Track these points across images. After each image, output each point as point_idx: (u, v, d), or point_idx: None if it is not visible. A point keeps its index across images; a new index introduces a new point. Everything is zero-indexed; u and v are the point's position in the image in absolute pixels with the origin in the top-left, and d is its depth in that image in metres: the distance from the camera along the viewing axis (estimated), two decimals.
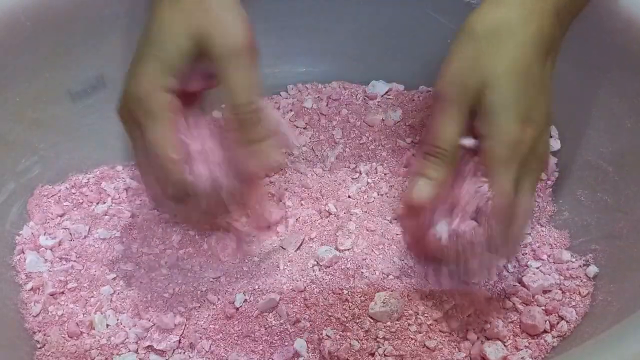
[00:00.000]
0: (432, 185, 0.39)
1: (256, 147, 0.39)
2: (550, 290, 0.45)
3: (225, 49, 0.37)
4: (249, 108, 0.38)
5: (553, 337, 0.43)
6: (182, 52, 0.38)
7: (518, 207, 0.38)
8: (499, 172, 0.37)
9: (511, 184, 0.37)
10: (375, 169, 0.54)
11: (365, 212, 0.50)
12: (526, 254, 0.48)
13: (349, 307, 0.43)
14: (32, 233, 0.49)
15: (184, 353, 0.43)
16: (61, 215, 0.50)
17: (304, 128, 0.58)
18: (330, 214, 0.49)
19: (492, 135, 0.37)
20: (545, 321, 0.43)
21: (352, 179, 0.53)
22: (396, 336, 0.42)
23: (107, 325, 0.44)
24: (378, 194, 0.51)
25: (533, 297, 0.45)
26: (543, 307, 0.44)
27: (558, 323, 0.43)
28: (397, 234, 0.48)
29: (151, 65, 0.38)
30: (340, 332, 0.42)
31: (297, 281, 0.45)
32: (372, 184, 0.52)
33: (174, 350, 0.43)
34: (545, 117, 0.39)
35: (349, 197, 0.51)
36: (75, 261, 0.48)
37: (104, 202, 0.52)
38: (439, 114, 0.38)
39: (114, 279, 0.47)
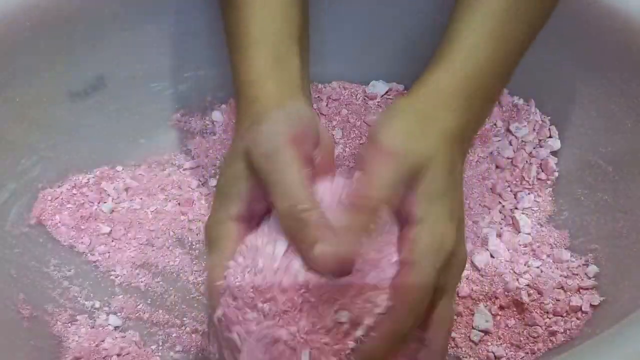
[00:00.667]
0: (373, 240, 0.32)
1: (307, 254, 0.32)
2: (549, 290, 0.45)
3: (258, 156, 0.35)
4: (292, 212, 0.33)
5: (553, 336, 0.43)
6: (235, 175, 0.36)
7: (440, 312, 0.34)
8: (424, 261, 0.32)
9: (434, 277, 0.32)
10: None
11: None
12: (526, 254, 0.48)
13: None
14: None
15: None
16: (64, 218, 0.51)
17: None
18: None
19: (424, 223, 0.33)
20: (545, 321, 0.43)
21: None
22: None
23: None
24: None
25: (533, 296, 0.45)
26: (543, 307, 0.44)
27: (557, 323, 0.43)
28: None
29: (216, 201, 0.37)
30: None
31: None
32: None
33: None
34: (462, 219, 0.37)
35: None
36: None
37: (105, 202, 0.52)
38: (382, 165, 0.33)
39: (117, 277, 0.48)
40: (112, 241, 0.51)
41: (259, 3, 0.42)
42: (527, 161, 0.53)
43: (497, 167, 0.53)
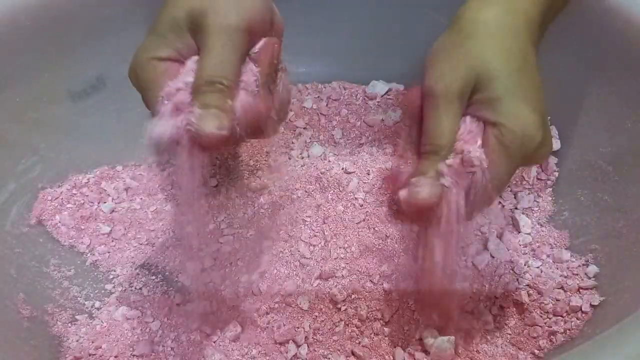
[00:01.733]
0: (438, 184, 0.36)
1: (201, 112, 0.35)
2: (549, 290, 0.45)
3: (215, 25, 0.36)
4: (205, 86, 0.36)
5: (553, 336, 0.43)
6: (175, 23, 0.38)
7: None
8: (503, 162, 0.36)
9: (511, 174, 0.37)
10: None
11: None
12: (526, 254, 0.48)
13: None
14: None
15: None
16: (64, 218, 0.50)
17: (304, 128, 0.58)
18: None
19: (502, 123, 0.36)
20: (545, 321, 0.43)
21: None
22: None
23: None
24: None
25: (533, 296, 0.45)
26: (543, 307, 0.44)
27: (557, 323, 0.43)
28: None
29: (148, 39, 0.38)
30: None
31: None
32: None
33: None
34: (544, 108, 0.38)
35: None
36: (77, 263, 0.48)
37: (104, 202, 0.52)
38: (432, 111, 0.37)
39: (117, 277, 0.48)
40: (112, 241, 0.51)
41: None
42: None
43: None
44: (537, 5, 0.39)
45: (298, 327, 0.43)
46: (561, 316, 0.43)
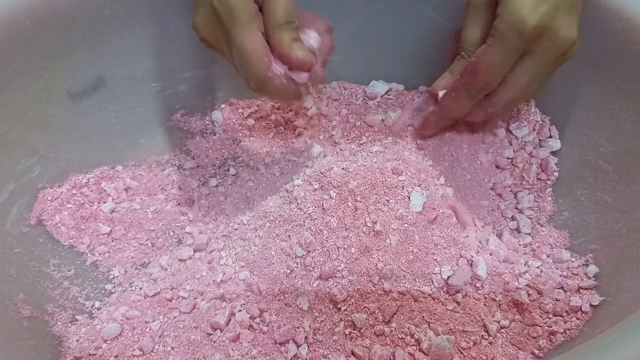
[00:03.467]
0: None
1: (286, 48, 0.42)
2: (549, 290, 0.45)
3: None
4: (285, 25, 0.42)
5: (553, 336, 0.43)
6: None
7: (510, 78, 0.43)
8: (494, 45, 0.41)
9: (501, 56, 0.41)
10: None
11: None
12: (526, 254, 0.48)
13: None
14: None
15: None
16: (64, 218, 0.50)
17: (304, 128, 0.58)
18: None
19: (499, 15, 0.40)
20: (545, 321, 0.43)
21: None
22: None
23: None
24: None
25: (533, 296, 0.45)
26: (543, 307, 0.44)
27: (557, 323, 0.43)
28: None
29: None
30: None
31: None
32: None
33: None
34: (564, 3, 0.41)
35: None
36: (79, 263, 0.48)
37: (104, 202, 0.52)
38: (465, 19, 0.45)
39: (116, 277, 0.48)
40: (112, 241, 0.51)
41: None
42: (527, 161, 0.53)
43: (497, 167, 0.53)
44: None
45: (298, 327, 0.43)
46: (561, 316, 0.43)
